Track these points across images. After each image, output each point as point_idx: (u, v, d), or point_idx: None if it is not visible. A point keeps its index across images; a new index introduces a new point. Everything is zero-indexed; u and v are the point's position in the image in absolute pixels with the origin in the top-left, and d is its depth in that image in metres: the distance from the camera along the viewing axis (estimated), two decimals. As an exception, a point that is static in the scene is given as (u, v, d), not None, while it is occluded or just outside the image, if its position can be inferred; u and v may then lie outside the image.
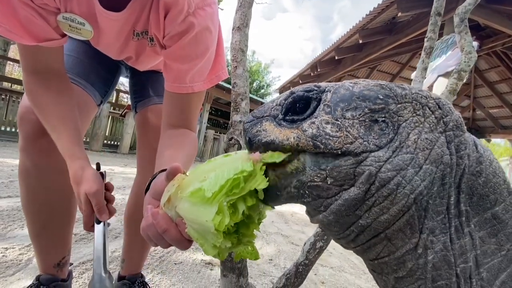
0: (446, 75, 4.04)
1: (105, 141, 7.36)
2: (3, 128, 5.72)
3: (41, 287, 0.86)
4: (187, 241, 0.41)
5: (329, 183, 0.33)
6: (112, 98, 8.27)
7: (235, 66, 0.88)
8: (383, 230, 0.33)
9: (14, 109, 5.73)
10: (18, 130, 0.81)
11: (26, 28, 0.65)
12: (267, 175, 0.37)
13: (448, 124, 0.35)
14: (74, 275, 1.14)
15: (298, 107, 0.37)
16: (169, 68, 0.75)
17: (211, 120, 14.41)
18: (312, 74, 8.10)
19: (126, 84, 10.28)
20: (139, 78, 1.07)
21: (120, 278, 1.05)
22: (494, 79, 8.05)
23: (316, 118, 0.35)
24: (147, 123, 0.99)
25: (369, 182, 0.32)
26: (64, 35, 0.72)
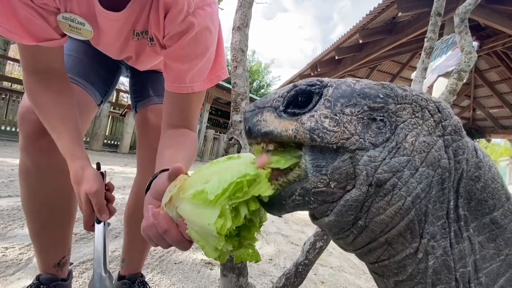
0: (446, 75, 4.05)
1: (105, 141, 7.36)
2: (3, 128, 5.72)
3: (41, 286, 0.86)
4: (187, 242, 0.41)
5: (332, 187, 0.33)
6: (112, 98, 8.27)
7: (235, 66, 0.88)
8: (381, 233, 0.33)
9: (14, 109, 5.73)
10: (18, 130, 0.81)
11: (26, 28, 0.65)
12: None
13: (447, 128, 0.35)
14: (74, 275, 1.14)
15: (300, 100, 0.37)
16: (169, 68, 0.75)
17: (211, 120, 14.41)
18: (312, 74, 8.10)
19: (126, 84, 10.28)
20: (139, 78, 1.07)
21: (120, 277, 1.05)
22: (494, 79, 8.05)
23: (316, 112, 0.35)
24: (147, 123, 0.99)
25: (368, 183, 0.32)
26: (64, 35, 0.72)
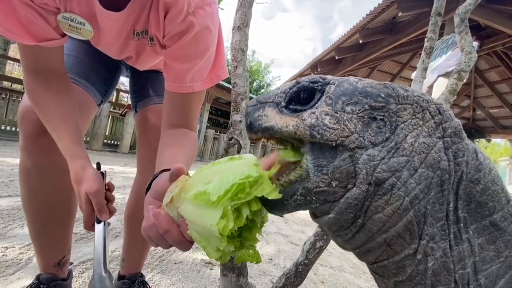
0: (446, 75, 4.05)
1: (105, 141, 7.36)
2: (3, 127, 5.71)
3: (41, 286, 0.86)
4: (188, 242, 0.41)
5: (334, 186, 0.33)
6: (112, 98, 8.26)
7: (235, 65, 0.88)
8: (379, 232, 0.33)
9: (14, 108, 5.72)
10: (18, 129, 0.81)
11: (26, 28, 0.65)
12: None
13: (447, 130, 0.35)
14: (74, 274, 1.14)
15: (302, 97, 0.37)
16: (169, 68, 0.75)
17: (211, 120, 14.41)
18: (312, 74, 8.09)
19: (126, 84, 10.27)
20: (139, 78, 1.07)
21: (120, 277, 1.05)
22: (494, 79, 8.05)
23: (317, 109, 0.35)
24: (147, 123, 0.99)
25: (367, 181, 0.32)
26: (64, 35, 0.72)
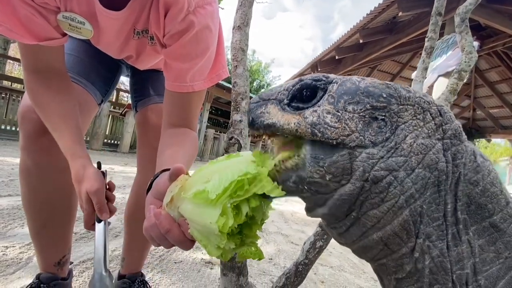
0: (447, 75, 4.05)
1: (105, 140, 7.36)
2: (3, 127, 5.71)
3: (42, 285, 0.86)
4: (189, 242, 0.41)
5: (327, 179, 0.33)
6: (112, 97, 8.26)
7: (236, 65, 0.88)
8: (373, 229, 0.34)
9: (14, 108, 5.73)
10: (19, 129, 0.81)
11: (26, 27, 0.65)
12: None
13: (447, 132, 0.35)
14: (74, 274, 1.15)
15: (305, 95, 0.38)
16: (169, 67, 0.75)
17: (211, 119, 14.41)
18: (312, 73, 8.09)
19: (126, 83, 10.28)
20: (140, 77, 1.07)
21: (120, 277, 1.05)
22: (495, 79, 8.06)
23: (319, 107, 0.36)
24: (147, 122, 0.99)
25: (363, 178, 0.33)
26: (65, 34, 0.72)
